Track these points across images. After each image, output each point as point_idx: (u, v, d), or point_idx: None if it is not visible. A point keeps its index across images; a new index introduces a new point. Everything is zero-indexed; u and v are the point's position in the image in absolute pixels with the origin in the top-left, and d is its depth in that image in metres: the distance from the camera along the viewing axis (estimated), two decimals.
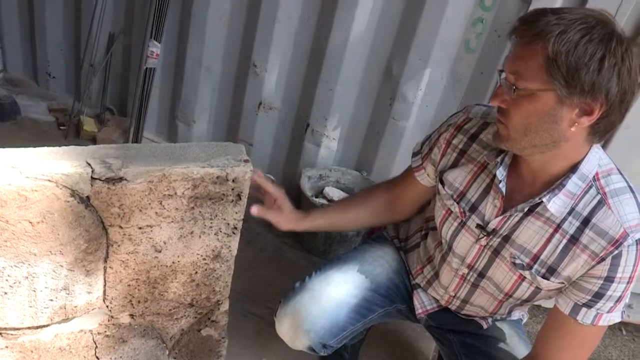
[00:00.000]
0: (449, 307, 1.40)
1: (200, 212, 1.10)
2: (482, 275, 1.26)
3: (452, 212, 1.27)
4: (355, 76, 2.22)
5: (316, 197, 2.33)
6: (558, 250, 1.11)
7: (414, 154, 1.39)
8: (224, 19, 2.35)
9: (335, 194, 2.35)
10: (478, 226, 1.21)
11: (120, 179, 0.99)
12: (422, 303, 1.44)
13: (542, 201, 1.09)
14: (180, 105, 2.63)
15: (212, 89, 2.54)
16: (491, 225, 1.18)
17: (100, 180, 0.98)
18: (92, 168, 0.97)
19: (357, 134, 2.36)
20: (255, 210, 1.27)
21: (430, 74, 2.10)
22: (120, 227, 1.05)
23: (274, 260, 2.24)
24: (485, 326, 1.38)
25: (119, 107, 2.86)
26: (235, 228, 1.17)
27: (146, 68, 2.46)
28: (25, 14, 2.89)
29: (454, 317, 1.41)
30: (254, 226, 2.34)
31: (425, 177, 1.36)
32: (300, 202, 2.32)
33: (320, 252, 2.30)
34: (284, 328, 1.36)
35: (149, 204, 1.05)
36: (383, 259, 1.47)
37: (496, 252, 1.21)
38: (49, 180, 0.94)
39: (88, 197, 0.99)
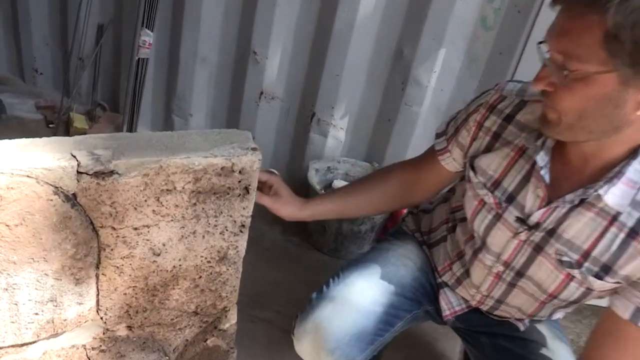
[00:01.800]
0: (481, 307, 1.30)
1: (203, 208, 1.04)
2: (520, 274, 1.16)
3: (485, 203, 1.16)
4: (363, 60, 2.17)
5: (325, 190, 2.28)
6: (614, 246, 1.00)
7: (438, 135, 1.30)
8: (220, 4, 2.30)
9: None
10: (517, 219, 1.10)
11: (111, 172, 0.92)
12: (450, 304, 1.34)
13: (598, 193, 0.97)
14: (175, 99, 2.59)
15: (209, 79, 2.49)
16: (533, 219, 1.07)
17: (87, 174, 0.91)
18: (77, 161, 0.90)
19: (366, 123, 2.30)
20: None
21: (444, 55, 2.04)
22: (113, 229, 0.99)
23: (280, 259, 2.17)
24: (522, 328, 1.28)
25: (110, 102, 2.83)
26: (243, 226, 1.11)
27: (138, 59, 2.38)
28: (7, 6, 2.84)
29: (484, 319, 1.31)
30: (258, 224, 2.27)
31: (451, 162, 1.26)
32: (308, 196, 2.26)
33: (331, 249, 2.23)
34: (305, 348, 1.26)
35: (145, 200, 0.98)
36: (407, 258, 1.37)
37: (538, 248, 1.10)
38: (28, 176, 0.87)
39: (74, 195, 0.92)
